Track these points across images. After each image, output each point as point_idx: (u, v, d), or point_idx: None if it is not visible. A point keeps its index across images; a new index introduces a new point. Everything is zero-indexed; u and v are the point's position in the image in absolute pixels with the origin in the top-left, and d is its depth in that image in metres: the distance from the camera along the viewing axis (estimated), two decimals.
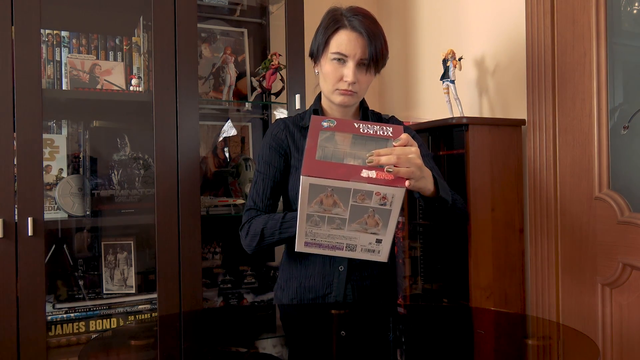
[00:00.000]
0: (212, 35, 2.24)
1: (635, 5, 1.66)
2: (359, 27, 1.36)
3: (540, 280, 1.85)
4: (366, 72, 1.39)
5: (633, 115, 1.66)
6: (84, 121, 2.06)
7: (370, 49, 1.36)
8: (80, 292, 1.94)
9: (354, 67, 1.37)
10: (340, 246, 1.19)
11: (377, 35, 1.37)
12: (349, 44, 1.36)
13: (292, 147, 1.49)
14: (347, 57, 1.37)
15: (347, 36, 1.36)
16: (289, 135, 1.49)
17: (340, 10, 1.40)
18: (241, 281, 2.21)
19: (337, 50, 1.37)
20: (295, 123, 1.52)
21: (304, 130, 1.49)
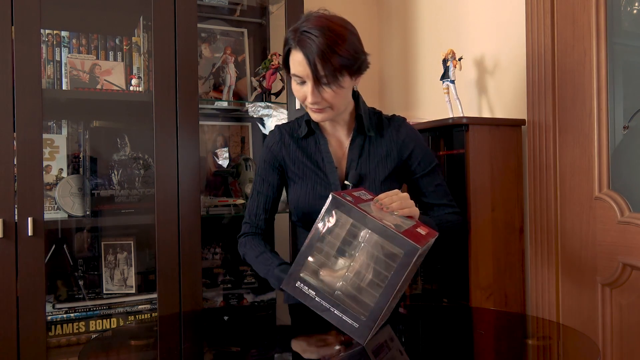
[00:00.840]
0: (212, 35, 2.24)
1: (635, 5, 1.66)
2: (305, 46, 1.27)
3: (540, 280, 1.85)
4: (330, 87, 1.30)
5: (633, 115, 1.66)
6: (84, 121, 2.06)
7: (320, 68, 1.26)
8: (80, 292, 1.94)
9: (313, 86, 1.29)
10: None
11: (327, 51, 1.26)
12: (300, 65, 1.29)
13: (287, 159, 1.48)
14: (302, 77, 1.31)
15: (296, 57, 1.30)
16: (283, 147, 1.48)
17: (298, 25, 1.32)
18: (241, 281, 2.21)
19: (293, 72, 1.32)
20: (292, 132, 1.50)
21: (300, 141, 1.48)
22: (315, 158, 1.45)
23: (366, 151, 1.45)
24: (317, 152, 1.46)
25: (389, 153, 1.45)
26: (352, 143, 1.45)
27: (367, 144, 1.46)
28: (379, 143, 1.46)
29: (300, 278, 1.05)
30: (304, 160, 1.46)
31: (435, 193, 1.47)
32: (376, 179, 1.43)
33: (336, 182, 1.42)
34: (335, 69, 1.27)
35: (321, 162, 1.45)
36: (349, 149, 1.45)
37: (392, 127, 1.48)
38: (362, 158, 1.45)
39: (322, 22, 1.29)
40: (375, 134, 1.46)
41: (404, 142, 1.46)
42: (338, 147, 1.47)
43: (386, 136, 1.47)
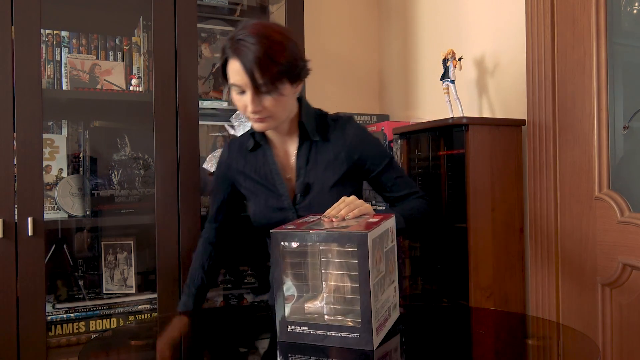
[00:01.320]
0: (212, 35, 2.24)
1: (635, 5, 1.66)
2: (242, 54, 1.23)
3: (540, 280, 1.85)
4: (270, 95, 1.27)
5: (633, 115, 1.66)
6: (84, 121, 2.06)
7: (258, 76, 1.23)
8: (80, 292, 1.95)
9: (253, 95, 1.26)
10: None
11: (264, 59, 1.23)
12: (238, 74, 1.26)
13: (237, 176, 1.48)
14: (241, 87, 1.27)
15: (234, 66, 1.26)
16: (232, 164, 1.48)
17: (233, 34, 1.28)
18: (241, 281, 2.21)
19: (232, 81, 1.29)
20: (241, 146, 1.49)
21: (249, 155, 1.47)
22: (264, 171, 1.44)
23: (313, 157, 1.41)
24: (264, 165, 1.44)
25: (337, 157, 1.41)
26: (299, 151, 1.42)
27: (314, 150, 1.42)
28: (325, 148, 1.41)
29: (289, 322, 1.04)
30: (252, 175, 1.45)
31: (397, 186, 1.45)
32: (324, 185, 1.39)
33: (285, 193, 1.41)
34: (273, 76, 1.24)
35: (269, 175, 1.43)
36: (297, 157, 1.42)
37: (338, 129, 1.42)
38: (309, 165, 1.41)
39: (259, 30, 1.26)
40: (321, 139, 1.41)
41: (352, 144, 1.41)
42: (285, 156, 1.45)
43: (333, 139, 1.41)
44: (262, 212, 1.43)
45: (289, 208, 1.41)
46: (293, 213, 1.40)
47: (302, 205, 1.40)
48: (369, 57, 2.77)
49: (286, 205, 1.41)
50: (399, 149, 2.15)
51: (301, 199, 1.40)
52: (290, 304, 1.04)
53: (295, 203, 1.41)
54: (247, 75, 1.24)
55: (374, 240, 1.01)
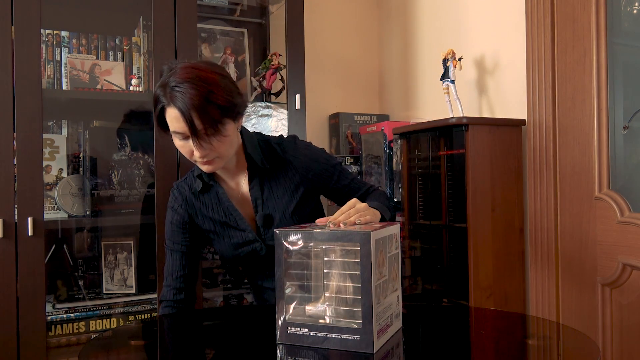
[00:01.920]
0: (212, 35, 2.24)
1: (635, 5, 1.66)
2: (179, 102, 1.19)
3: (540, 280, 1.85)
4: (215, 137, 1.23)
5: (633, 115, 1.66)
6: (84, 121, 2.06)
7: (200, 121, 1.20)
8: (80, 292, 1.95)
9: (196, 141, 1.22)
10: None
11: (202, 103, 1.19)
12: (178, 122, 1.21)
13: (197, 220, 1.43)
14: (183, 134, 1.24)
15: (173, 114, 1.22)
16: (187, 208, 1.44)
17: (166, 79, 1.23)
18: (241, 281, 2.21)
19: (173, 129, 1.24)
20: (190, 189, 1.44)
21: (200, 197, 1.43)
22: (220, 210, 1.41)
23: (267, 187, 1.40)
24: (220, 204, 1.41)
25: (292, 180, 1.40)
26: (250, 183, 1.40)
27: (267, 178, 1.40)
28: (278, 174, 1.40)
29: (289, 324, 1.03)
30: (210, 215, 1.42)
31: (352, 189, 1.45)
32: (285, 212, 1.39)
33: (247, 227, 1.40)
34: (214, 119, 1.21)
35: (227, 213, 1.41)
36: (250, 189, 1.40)
37: (287, 153, 1.41)
38: (265, 195, 1.40)
39: (190, 73, 1.22)
40: (271, 166, 1.40)
41: (303, 165, 1.40)
42: (238, 190, 1.43)
43: (283, 165, 1.40)
44: (228, 250, 1.42)
45: (255, 240, 1.40)
46: (260, 244, 1.40)
47: (267, 236, 1.40)
48: (369, 57, 2.77)
49: (251, 237, 1.40)
50: (399, 149, 2.15)
51: (265, 230, 1.40)
52: (292, 305, 1.04)
53: (261, 234, 1.40)
54: (186, 123, 1.20)
55: (377, 241, 1.01)
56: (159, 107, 1.25)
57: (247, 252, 1.41)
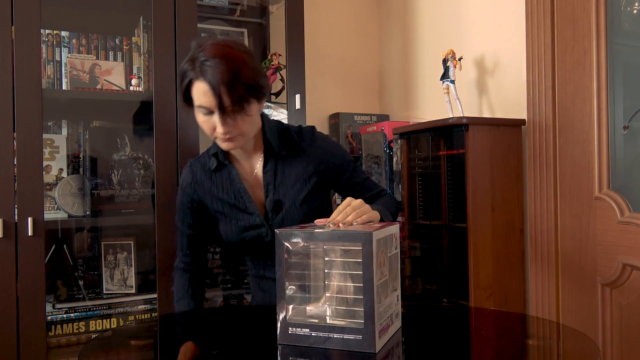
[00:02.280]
0: (212, 35, 2.24)
1: (635, 5, 1.66)
2: (210, 76, 1.21)
3: (540, 280, 1.85)
4: (239, 114, 1.26)
5: (633, 115, 1.66)
6: (84, 121, 2.06)
7: (228, 97, 1.22)
8: (80, 292, 1.95)
9: (222, 116, 1.24)
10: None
11: (232, 79, 1.22)
12: (205, 96, 1.23)
13: (205, 199, 1.45)
14: (209, 109, 1.25)
15: (202, 88, 1.24)
16: (197, 187, 1.45)
17: (195, 54, 1.25)
18: (241, 281, 2.21)
19: (199, 103, 1.26)
20: (204, 168, 1.46)
21: (213, 176, 1.44)
22: (231, 191, 1.42)
23: (281, 173, 1.41)
24: (232, 184, 1.42)
25: (305, 170, 1.41)
26: (265, 167, 1.41)
27: (281, 164, 1.41)
28: (293, 161, 1.41)
29: (290, 324, 1.03)
30: (220, 195, 1.43)
31: (363, 188, 1.46)
32: (295, 200, 1.39)
33: (256, 211, 1.40)
34: (241, 96, 1.23)
35: (237, 194, 1.41)
36: (263, 173, 1.41)
37: (304, 142, 1.42)
38: (277, 181, 1.40)
39: (221, 50, 1.24)
40: (287, 153, 1.41)
41: (318, 156, 1.42)
42: (251, 173, 1.43)
43: (299, 153, 1.41)
44: (233, 232, 1.42)
45: (261, 225, 1.40)
46: (266, 229, 1.40)
47: (274, 221, 1.40)
48: (369, 57, 2.77)
49: (258, 222, 1.40)
50: (399, 149, 2.15)
51: (273, 215, 1.40)
52: (292, 305, 1.03)
53: (268, 220, 1.40)
54: (215, 97, 1.22)
55: (378, 241, 1.01)
56: (187, 80, 1.26)
57: (253, 236, 1.40)
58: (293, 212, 1.38)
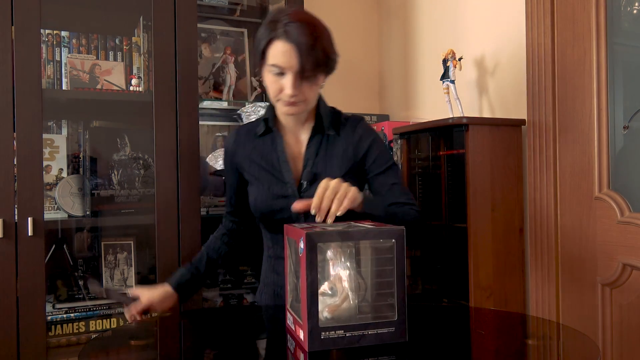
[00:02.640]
0: (212, 35, 2.24)
1: (635, 5, 1.66)
2: (294, 37, 1.26)
3: (540, 280, 1.85)
4: (309, 82, 1.31)
5: (633, 115, 1.66)
6: (84, 121, 2.06)
7: (307, 60, 1.26)
8: (80, 292, 1.94)
9: (293, 78, 1.29)
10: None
11: (314, 44, 1.27)
12: (284, 56, 1.27)
13: (242, 161, 1.47)
14: (284, 69, 1.29)
15: (282, 48, 1.27)
16: (238, 149, 1.47)
17: (279, 16, 1.30)
18: (241, 281, 2.21)
19: (274, 62, 1.29)
20: (250, 132, 1.48)
21: (257, 141, 1.46)
22: (270, 158, 1.44)
23: (323, 150, 1.43)
24: (272, 152, 1.44)
25: (345, 152, 1.43)
26: (309, 142, 1.44)
27: (325, 142, 1.44)
28: (336, 142, 1.44)
29: (321, 329, 1.00)
30: (258, 160, 1.45)
31: (391, 192, 1.44)
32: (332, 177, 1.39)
33: (291, 180, 1.41)
34: (318, 63, 1.29)
35: (276, 162, 1.43)
36: (306, 147, 1.43)
37: (349, 126, 1.46)
38: (318, 157, 1.43)
39: (305, 16, 1.31)
40: (333, 133, 1.45)
41: (359, 141, 1.44)
42: (295, 145, 1.45)
43: (343, 135, 1.45)
44: (263, 198, 1.42)
45: (292, 195, 1.40)
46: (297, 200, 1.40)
47: (307, 193, 1.40)
48: (369, 57, 2.77)
49: (290, 192, 1.40)
50: (399, 149, 2.15)
51: (307, 187, 1.40)
52: (322, 309, 1.01)
53: (300, 191, 1.41)
54: (298, 59, 1.26)
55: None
56: (268, 38, 1.30)
57: (281, 206, 1.40)
58: None
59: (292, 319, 1.08)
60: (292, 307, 1.10)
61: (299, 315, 1.03)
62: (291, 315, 1.09)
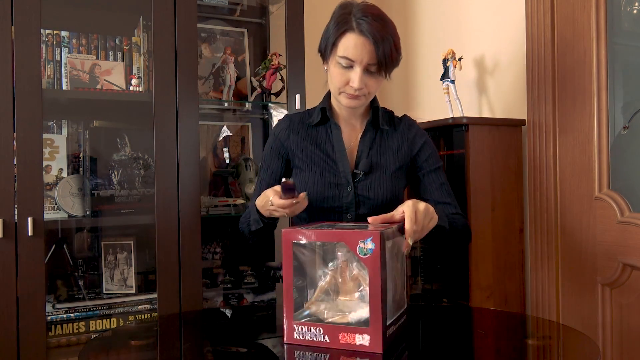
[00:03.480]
0: (212, 35, 2.24)
1: (635, 5, 1.66)
2: (367, 31, 1.29)
3: (540, 280, 1.85)
4: (375, 77, 1.34)
5: (633, 115, 1.66)
6: (84, 121, 2.06)
7: (378, 54, 1.30)
8: (80, 292, 1.94)
9: (361, 72, 1.32)
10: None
11: (386, 39, 1.30)
12: (355, 48, 1.30)
13: (294, 146, 1.47)
14: (354, 61, 1.31)
15: (354, 40, 1.30)
16: (291, 135, 1.47)
17: (350, 9, 1.33)
18: (241, 281, 2.21)
19: (344, 54, 1.32)
20: (302, 120, 1.50)
21: (310, 129, 1.48)
22: (325, 146, 1.45)
23: (377, 143, 1.46)
24: (327, 141, 1.46)
25: (400, 147, 1.46)
26: (364, 134, 1.46)
27: (379, 136, 1.47)
28: (390, 137, 1.47)
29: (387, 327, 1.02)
30: (312, 148, 1.45)
31: (440, 191, 1.47)
32: (387, 169, 1.43)
33: (346, 169, 1.42)
34: (389, 58, 1.31)
35: (331, 151, 1.44)
36: (361, 139, 1.46)
37: (403, 124, 1.50)
38: (372, 150, 1.45)
39: (379, 12, 1.33)
40: (389, 128, 1.48)
41: (414, 138, 1.48)
42: (349, 137, 1.47)
43: (398, 131, 1.48)
44: (316, 185, 1.41)
45: (346, 184, 1.41)
46: (350, 189, 1.40)
47: (362, 183, 1.41)
48: None
49: (344, 181, 1.41)
50: None
51: (363, 177, 1.41)
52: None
53: (355, 180, 1.41)
54: (369, 53, 1.29)
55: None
56: (342, 29, 1.31)
57: (332, 195, 1.40)
58: (382, 178, 1.42)
59: (322, 330, 1.02)
60: (314, 317, 1.06)
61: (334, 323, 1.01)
62: (319, 327, 1.02)
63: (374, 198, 1.40)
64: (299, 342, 1.02)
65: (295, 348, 1.02)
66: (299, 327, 1.03)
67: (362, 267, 1.02)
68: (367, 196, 1.40)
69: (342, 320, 1.02)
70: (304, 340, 1.02)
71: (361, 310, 1.00)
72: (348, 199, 1.40)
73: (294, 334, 1.03)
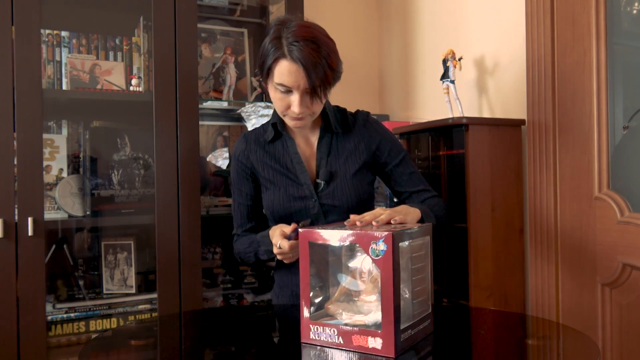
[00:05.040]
0: (212, 35, 2.24)
1: (635, 5, 1.66)
2: (297, 58, 1.25)
3: (540, 280, 1.85)
4: (314, 97, 1.31)
5: (633, 115, 1.66)
6: (84, 121, 2.06)
7: (311, 80, 1.26)
8: (80, 292, 1.94)
9: (300, 97, 1.29)
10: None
11: (318, 64, 1.26)
12: (290, 75, 1.27)
13: (256, 166, 1.47)
14: (291, 88, 1.29)
15: (287, 67, 1.27)
16: (250, 155, 1.48)
17: (281, 32, 1.28)
18: (241, 281, 2.21)
19: (280, 81, 1.29)
20: (258, 138, 1.49)
21: (267, 146, 1.47)
22: (283, 161, 1.45)
23: (334, 148, 1.45)
24: (285, 155, 1.45)
25: (356, 147, 1.45)
26: (319, 141, 1.45)
27: (335, 140, 1.46)
28: (346, 139, 1.46)
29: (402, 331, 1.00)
30: (272, 164, 1.46)
31: (411, 181, 1.47)
32: (347, 174, 1.43)
33: (307, 181, 1.42)
34: (326, 80, 1.29)
35: (290, 164, 1.44)
36: (317, 147, 1.45)
37: (357, 122, 1.48)
38: (331, 155, 1.44)
39: (310, 33, 1.27)
40: (342, 130, 1.46)
41: (370, 136, 1.46)
42: (306, 147, 1.47)
43: (352, 131, 1.47)
44: (281, 201, 1.43)
45: (310, 196, 1.41)
46: (315, 201, 1.41)
47: (324, 192, 1.41)
48: (369, 57, 2.77)
49: (307, 193, 1.41)
50: None
51: (325, 186, 1.41)
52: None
53: (317, 191, 1.42)
54: (306, 78, 1.26)
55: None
56: (274, 57, 1.28)
57: (299, 208, 1.41)
58: (344, 184, 1.41)
59: (337, 332, 1.01)
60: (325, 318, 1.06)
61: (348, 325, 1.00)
62: (333, 328, 1.02)
63: (339, 205, 1.40)
64: (315, 342, 1.02)
65: (310, 348, 1.01)
66: (314, 327, 1.02)
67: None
68: (332, 204, 1.41)
69: (359, 322, 1.01)
70: (319, 341, 1.02)
71: (379, 313, 0.99)
72: (315, 210, 1.41)
73: (309, 334, 1.03)
